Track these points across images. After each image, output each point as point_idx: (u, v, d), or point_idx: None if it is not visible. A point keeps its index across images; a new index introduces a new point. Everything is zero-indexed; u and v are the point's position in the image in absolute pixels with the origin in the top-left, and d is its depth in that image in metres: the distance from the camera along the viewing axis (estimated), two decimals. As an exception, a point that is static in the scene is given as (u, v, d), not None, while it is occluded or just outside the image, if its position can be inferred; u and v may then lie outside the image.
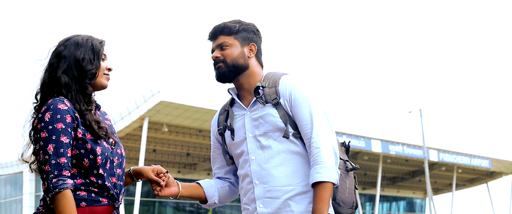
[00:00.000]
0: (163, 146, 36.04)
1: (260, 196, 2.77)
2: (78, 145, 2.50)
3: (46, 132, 2.45)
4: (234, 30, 2.89)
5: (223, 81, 2.92)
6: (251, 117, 2.85)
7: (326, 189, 2.66)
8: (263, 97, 2.83)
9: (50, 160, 2.43)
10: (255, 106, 2.85)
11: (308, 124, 2.76)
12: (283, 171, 2.76)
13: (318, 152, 2.71)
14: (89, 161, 2.51)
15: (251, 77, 2.90)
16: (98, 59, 2.64)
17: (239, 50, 2.88)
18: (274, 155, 2.78)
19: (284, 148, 2.78)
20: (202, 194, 2.96)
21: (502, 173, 50.42)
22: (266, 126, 2.80)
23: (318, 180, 2.66)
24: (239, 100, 2.92)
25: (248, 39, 2.91)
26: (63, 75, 2.57)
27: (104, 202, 2.54)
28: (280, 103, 2.80)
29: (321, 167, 2.68)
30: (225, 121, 2.95)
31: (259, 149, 2.81)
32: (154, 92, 29.03)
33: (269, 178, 2.76)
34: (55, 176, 2.42)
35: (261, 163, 2.79)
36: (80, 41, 2.64)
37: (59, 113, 2.47)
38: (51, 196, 2.42)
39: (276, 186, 2.75)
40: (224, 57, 2.87)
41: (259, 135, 2.81)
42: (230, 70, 2.87)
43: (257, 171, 2.79)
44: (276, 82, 2.85)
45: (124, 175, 2.71)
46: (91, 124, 2.54)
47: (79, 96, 2.58)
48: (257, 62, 2.94)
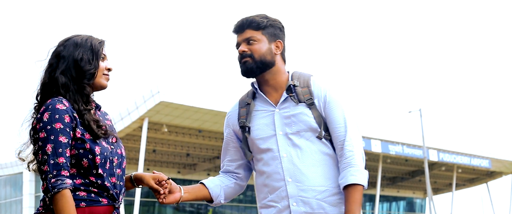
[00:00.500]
0: (163, 146, 36.03)
1: (294, 195, 2.75)
2: (77, 145, 2.50)
3: (45, 132, 2.45)
4: (262, 25, 2.87)
5: (249, 76, 2.90)
6: (282, 114, 2.83)
7: (359, 192, 2.70)
8: (296, 96, 2.82)
9: (48, 160, 2.43)
10: (285, 104, 2.84)
11: (341, 127, 2.78)
12: (316, 171, 2.76)
13: (352, 155, 2.74)
14: (88, 160, 2.50)
15: (277, 74, 2.88)
16: (97, 59, 2.63)
17: (266, 46, 2.86)
18: (307, 155, 2.77)
19: (316, 148, 2.79)
20: (208, 195, 2.94)
21: (502, 173, 50.42)
22: (299, 125, 2.79)
23: (353, 182, 2.69)
24: (265, 96, 2.89)
25: (275, 35, 2.90)
26: (61, 75, 2.57)
27: (104, 202, 2.54)
28: (314, 104, 2.81)
29: (356, 170, 2.72)
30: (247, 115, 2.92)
31: (290, 147, 2.79)
32: (154, 93, 29.03)
33: (303, 177, 2.75)
34: (54, 176, 2.41)
35: (294, 161, 2.77)
36: (79, 41, 2.63)
37: (57, 112, 2.46)
38: (50, 196, 2.41)
39: (310, 186, 2.74)
40: (251, 52, 2.85)
41: (291, 133, 2.80)
42: (258, 66, 2.85)
43: (290, 169, 2.77)
44: (308, 82, 2.86)
45: (124, 175, 2.70)
46: (89, 123, 2.54)
47: (77, 96, 2.57)
48: (282, 59, 2.92)
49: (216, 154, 37.92)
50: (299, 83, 2.85)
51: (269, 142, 2.83)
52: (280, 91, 2.88)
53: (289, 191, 2.76)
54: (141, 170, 29.91)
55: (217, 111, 30.43)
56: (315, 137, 2.79)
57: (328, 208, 2.74)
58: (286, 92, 2.84)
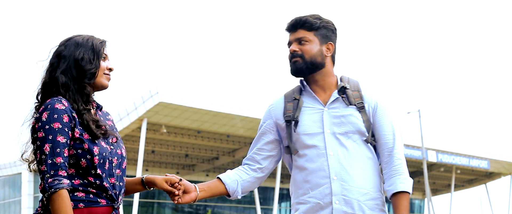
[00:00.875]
0: (161, 147, 36.02)
1: (337, 193, 2.77)
2: (76, 145, 2.49)
3: (43, 131, 2.45)
4: (315, 26, 2.89)
5: (298, 76, 2.94)
6: (331, 113, 2.86)
7: (408, 199, 2.79)
8: (346, 98, 2.86)
9: (46, 160, 2.42)
10: (336, 104, 2.87)
11: (390, 134, 2.86)
12: (360, 173, 2.80)
13: (400, 163, 2.84)
14: (86, 161, 2.49)
15: (326, 75, 2.92)
16: (98, 59, 2.63)
17: (318, 48, 2.89)
18: (353, 156, 2.81)
19: (361, 151, 2.83)
20: (224, 191, 2.94)
21: (501, 174, 50.44)
22: (348, 126, 2.83)
23: (403, 189, 2.78)
24: (315, 94, 2.91)
25: (327, 37, 2.92)
26: (61, 75, 2.57)
27: (103, 203, 2.53)
28: (364, 108, 2.86)
29: (405, 178, 2.81)
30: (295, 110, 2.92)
31: (337, 146, 2.81)
32: (153, 93, 29.03)
33: (348, 177, 2.78)
34: (51, 176, 2.41)
35: (340, 160, 2.80)
36: (80, 41, 2.63)
37: (56, 112, 2.46)
38: (47, 196, 2.41)
39: (353, 186, 2.78)
40: (302, 52, 2.88)
41: (339, 133, 2.83)
42: (307, 67, 2.88)
43: (336, 167, 2.79)
44: (358, 87, 2.91)
45: (124, 176, 2.69)
46: (88, 123, 2.53)
47: (77, 96, 2.57)
48: (332, 61, 2.95)
49: (215, 154, 37.93)
50: (349, 86, 2.90)
51: (315, 139, 2.84)
52: (328, 92, 2.91)
53: (334, 189, 2.78)
54: (140, 171, 29.92)
55: (216, 111, 30.44)
56: (362, 140, 2.84)
57: (367, 211, 2.78)
58: (338, 93, 2.88)
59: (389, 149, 2.85)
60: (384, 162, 2.86)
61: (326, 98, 2.90)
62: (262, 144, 3.02)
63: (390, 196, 2.81)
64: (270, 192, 41.66)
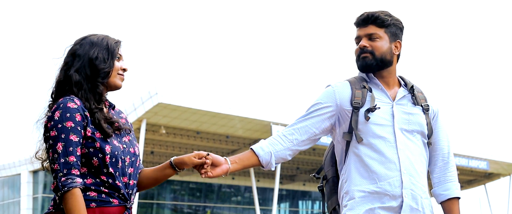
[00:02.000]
0: (161, 147, 36.01)
1: (408, 186, 2.80)
2: (88, 144, 2.49)
3: (56, 130, 2.44)
4: (386, 23, 2.90)
5: (366, 71, 2.93)
6: (400, 109, 2.88)
7: (459, 205, 2.94)
8: (414, 97, 2.92)
9: (59, 159, 2.42)
10: (403, 101, 2.90)
11: (446, 141, 2.97)
12: (421, 172, 2.86)
13: (454, 170, 2.96)
14: (98, 159, 2.49)
15: (392, 73, 2.95)
16: (112, 59, 2.63)
17: (388, 45, 2.90)
18: (417, 155, 2.86)
19: (421, 151, 2.89)
20: (257, 162, 2.87)
21: (500, 175, 50.45)
22: (415, 125, 2.87)
23: (458, 195, 2.93)
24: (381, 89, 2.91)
25: (396, 35, 2.94)
26: (75, 73, 2.57)
27: (115, 203, 2.52)
28: (429, 111, 2.93)
29: (458, 185, 2.96)
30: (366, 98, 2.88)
31: (407, 142, 2.84)
32: (152, 94, 29.02)
33: (415, 173, 2.82)
34: (64, 175, 2.40)
35: (409, 156, 2.83)
36: (95, 40, 2.64)
37: (68, 111, 2.46)
38: (60, 195, 2.40)
39: (419, 183, 2.83)
40: (372, 48, 2.88)
41: (406, 130, 2.85)
42: (377, 64, 2.89)
43: (405, 162, 2.81)
44: (421, 89, 2.99)
45: (137, 174, 2.67)
46: (100, 122, 2.53)
47: (90, 95, 2.57)
48: (396, 61, 2.98)
49: (214, 155, 37.86)
50: (416, 88, 2.96)
51: (385, 131, 2.83)
52: (392, 89, 2.93)
53: (404, 182, 2.79)
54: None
55: (215, 112, 30.43)
56: (422, 141, 2.89)
57: (425, 210, 2.84)
58: (410, 91, 2.93)
59: (444, 155, 2.96)
60: (438, 166, 2.96)
61: (392, 94, 2.92)
62: (312, 116, 2.91)
63: (443, 200, 2.93)
64: (269, 193, 41.65)
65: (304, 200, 48.17)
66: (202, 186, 42.02)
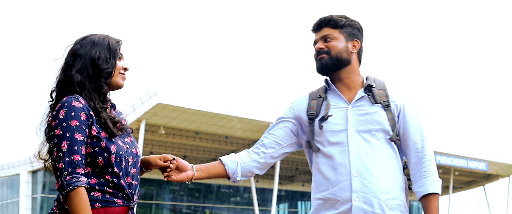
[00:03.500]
0: (160, 148, 36.00)
1: (357, 190, 2.75)
2: (93, 143, 2.48)
3: (60, 129, 2.43)
4: (340, 24, 2.91)
5: (324, 73, 2.93)
6: (355, 111, 2.85)
7: (437, 200, 2.77)
8: (372, 96, 2.86)
9: (64, 158, 2.40)
10: (360, 102, 2.87)
11: (418, 135, 2.85)
12: (381, 172, 2.78)
13: (430, 164, 2.82)
14: (103, 159, 2.48)
15: (352, 73, 2.92)
16: (114, 59, 2.63)
17: (343, 45, 2.90)
18: (375, 154, 2.79)
19: (384, 150, 2.82)
20: (223, 172, 2.93)
21: (499, 176, 50.46)
22: (372, 124, 2.82)
23: (433, 191, 2.77)
24: (340, 93, 2.91)
25: (353, 35, 2.94)
26: (77, 73, 2.56)
27: (119, 203, 2.52)
28: (390, 107, 2.85)
29: (435, 179, 2.80)
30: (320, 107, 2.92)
31: (360, 143, 2.80)
32: (151, 95, 29.01)
33: (368, 175, 2.76)
34: (69, 174, 2.39)
35: (362, 157, 2.78)
36: (96, 40, 2.63)
37: (73, 110, 2.45)
38: (65, 194, 2.39)
39: (374, 184, 2.75)
40: (328, 49, 2.89)
41: (363, 131, 2.81)
42: (333, 63, 2.89)
43: (357, 164, 2.78)
44: (384, 86, 2.91)
45: (139, 175, 2.68)
46: (106, 121, 2.52)
47: (94, 95, 2.56)
48: (357, 60, 2.96)
49: (213, 156, 37.90)
50: (375, 85, 2.90)
51: (339, 136, 2.83)
52: (353, 91, 2.91)
53: (354, 186, 2.76)
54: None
55: (215, 113, 30.42)
56: (385, 139, 2.82)
57: (387, 211, 2.75)
58: (364, 91, 2.88)
59: (417, 150, 2.85)
60: (413, 162, 2.85)
61: (351, 97, 2.90)
62: (275, 130, 3.01)
63: (420, 197, 2.80)
64: (268, 194, 41.66)
65: (303, 201, 48.17)
66: (201, 186, 42.00)
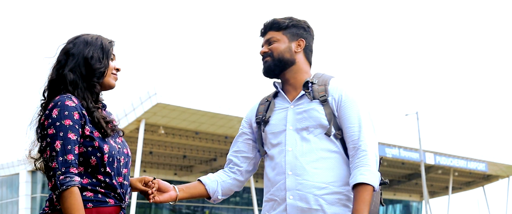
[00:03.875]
0: (159, 148, 36.00)
1: (291, 188, 2.73)
2: (86, 143, 2.47)
3: (54, 128, 2.41)
4: (283, 26, 2.89)
5: (269, 75, 2.91)
6: (295, 110, 2.82)
7: (368, 192, 2.63)
8: (311, 93, 2.82)
9: (57, 157, 2.39)
10: (301, 101, 2.83)
11: (355, 126, 2.74)
12: (318, 167, 2.73)
13: (365, 154, 2.70)
14: (96, 159, 2.47)
15: (297, 73, 2.89)
16: (107, 59, 2.62)
17: (286, 45, 2.88)
18: (312, 150, 2.75)
19: (322, 145, 2.76)
20: (204, 191, 2.92)
21: (499, 176, 50.49)
22: (309, 121, 2.78)
23: (361, 181, 2.63)
24: (284, 94, 2.90)
25: (297, 35, 2.90)
26: (69, 72, 2.55)
27: (111, 202, 2.51)
28: (327, 101, 2.79)
29: (366, 170, 2.66)
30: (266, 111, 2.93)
31: (297, 141, 2.77)
32: (151, 94, 29.01)
33: (303, 171, 2.73)
34: (62, 173, 2.37)
35: (297, 155, 2.75)
36: (89, 40, 2.62)
37: (66, 109, 2.43)
38: (58, 193, 2.37)
39: (308, 180, 2.71)
40: (271, 51, 2.88)
41: (301, 129, 2.78)
42: (276, 64, 2.87)
43: (292, 162, 2.75)
44: (326, 81, 2.84)
45: (129, 175, 2.67)
46: (99, 121, 2.51)
47: (86, 94, 2.55)
48: (305, 58, 2.92)
49: (212, 156, 37.92)
50: (317, 82, 2.85)
51: (280, 137, 2.82)
52: (299, 90, 2.89)
53: (287, 184, 2.74)
54: (137, 172, 29.90)
55: (214, 113, 30.44)
56: (324, 134, 2.76)
57: (326, 206, 2.69)
58: (303, 89, 2.84)
59: (354, 142, 2.73)
60: (351, 155, 2.74)
61: (296, 96, 2.88)
62: (238, 145, 3.02)
63: (352, 189, 2.67)
64: (268, 194, 41.61)
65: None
66: (201, 186, 41.91)
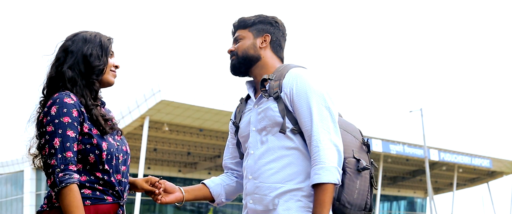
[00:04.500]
0: (164, 145, 36.03)
1: (250, 192, 2.68)
2: (84, 140, 2.47)
3: (52, 125, 2.42)
4: (249, 23, 2.84)
5: (236, 73, 2.86)
6: (257, 111, 2.73)
7: (325, 191, 2.52)
8: (268, 90, 2.71)
9: (56, 154, 2.39)
10: (261, 100, 2.74)
11: (307, 120, 2.61)
12: (273, 167, 2.63)
13: (317, 151, 2.56)
14: (94, 156, 2.47)
15: (263, 69, 2.80)
16: (105, 56, 2.62)
17: (250, 42, 2.81)
18: (269, 150, 2.66)
19: (280, 144, 2.65)
20: (208, 194, 2.89)
21: (503, 173, 50.37)
22: (266, 121, 2.68)
23: (316, 181, 2.53)
24: (252, 94, 2.83)
25: (263, 30, 2.83)
26: (68, 70, 2.55)
27: (109, 200, 2.51)
28: (280, 97, 2.66)
29: (320, 168, 2.53)
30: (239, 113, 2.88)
31: (258, 143, 2.70)
32: (155, 91, 29.02)
33: (259, 174, 2.66)
34: (61, 170, 2.38)
35: (256, 158, 2.68)
36: (88, 37, 2.62)
37: (65, 106, 2.44)
38: (57, 191, 2.37)
39: (264, 182, 2.64)
40: (236, 50, 2.83)
41: (261, 130, 2.70)
42: (240, 62, 2.81)
43: (251, 166, 2.69)
44: (283, 75, 2.71)
45: (128, 172, 2.67)
46: (98, 118, 2.52)
47: (85, 92, 2.55)
48: (273, 54, 2.83)
49: (217, 152, 37.94)
50: (274, 77, 2.71)
51: (248, 140, 2.77)
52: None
53: (247, 189, 2.70)
54: (142, 169, 29.92)
55: (218, 109, 30.43)
56: (281, 132, 2.65)
57: (282, 206, 2.59)
58: (260, 87, 2.75)
59: (309, 137, 2.60)
60: (310, 151, 2.61)
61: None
62: (230, 151, 2.97)
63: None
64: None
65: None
66: (205, 183, 41.99)
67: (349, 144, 2.73)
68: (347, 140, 2.73)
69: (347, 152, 2.69)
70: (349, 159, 2.68)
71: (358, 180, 2.67)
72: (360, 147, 2.77)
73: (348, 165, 2.66)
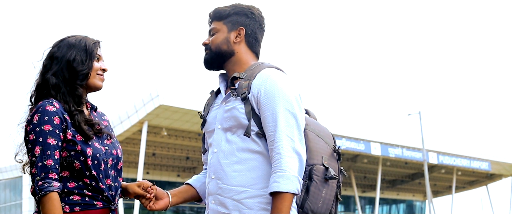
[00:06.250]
0: (162, 149, 36.02)
1: (213, 192, 2.61)
2: (68, 147, 2.47)
3: (34, 134, 2.43)
4: (224, 15, 2.72)
5: (209, 68, 2.76)
6: (225, 108, 2.64)
7: (283, 200, 2.42)
8: (236, 90, 2.62)
9: (36, 163, 2.40)
10: (229, 98, 2.64)
11: (270, 125, 2.52)
12: (237, 169, 2.56)
13: (278, 158, 2.47)
14: (79, 163, 2.46)
15: (236, 65, 2.70)
16: (90, 60, 2.60)
17: (224, 36, 2.70)
18: (233, 152, 2.57)
19: (244, 146, 2.56)
20: (196, 195, 2.83)
21: (502, 175, 50.40)
22: (231, 121, 2.59)
23: (274, 190, 2.43)
24: (223, 89, 2.73)
25: (238, 23, 2.71)
26: (52, 76, 2.55)
27: (99, 205, 2.50)
28: (247, 98, 2.57)
29: (279, 176, 2.43)
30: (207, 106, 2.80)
31: (222, 143, 2.61)
32: (153, 96, 29.04)
33: (223, 175, 2.58)
34: (41, 179, 2.38)
35: (220, 157, 2.60)
36: (73, 42, 2.61)
37: (46, 114, 2.44)
38: (37, 199, 2.39)
39: (227, 185, 2.56)
40: (210, 43, 2.73)
41: (226, 129, 2.61)
42: (212, 57, 2.72)
43: (214, 165, 2.62)
44: (254, 75, 2.61)
45: (120, 176, 2.65)
46: (80, 124, 2.50)
47: (69, 98, 2.54)
48: (248, 49, 2.73)
49: (215, 157, 37.88)
50: (245, 76, 2.63)
51: (212, 137, 2.68)
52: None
53: (210, 188, 2.63)
54: (140, 174, 29.91)
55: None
56: (243, 134, 2.57)
57: (245, 211, 2.52)
58: (230, 85, 2.67)
59: (271, 143, 2.50)
60: (270, 157, 2.52)
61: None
62: (206, 146, 2.86)
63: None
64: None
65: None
66: (204, 187, 41.96)
67: (320, 150, 2.63)
68: (318, 146, 2.63)
69: (317, 158, 2.60)
70: (317, 166, 2.58)
71: (324, 189, 2.58)
72: (331, 154, 2.67)
73: (316, 172, 2.56)
